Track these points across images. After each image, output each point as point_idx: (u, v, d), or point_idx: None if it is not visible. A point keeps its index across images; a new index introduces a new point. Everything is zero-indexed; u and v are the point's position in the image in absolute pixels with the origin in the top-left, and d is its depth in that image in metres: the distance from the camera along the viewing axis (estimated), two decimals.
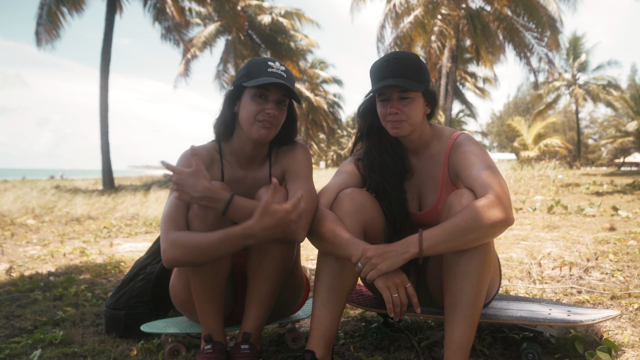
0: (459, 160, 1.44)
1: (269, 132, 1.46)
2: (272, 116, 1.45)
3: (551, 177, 10.13)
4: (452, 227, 1.23)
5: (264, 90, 1.45)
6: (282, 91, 1.46)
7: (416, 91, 1.42)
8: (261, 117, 1.45)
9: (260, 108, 1.45)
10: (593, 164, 29.38)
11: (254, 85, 1.41)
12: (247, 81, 1.44)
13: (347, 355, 1.63)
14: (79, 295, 2.49)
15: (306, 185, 1.48)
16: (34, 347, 1.73)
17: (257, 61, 1.48)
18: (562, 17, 15.35)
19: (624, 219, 4.61)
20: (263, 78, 1.42)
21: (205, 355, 1.43)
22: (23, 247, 4.32)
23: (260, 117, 1.45)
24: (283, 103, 1.49)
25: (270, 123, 1.45)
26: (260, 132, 1.45)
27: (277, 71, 1.45)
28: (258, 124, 1.45)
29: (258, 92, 1.45)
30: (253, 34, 20.31)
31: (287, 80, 1.45)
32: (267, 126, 1.45)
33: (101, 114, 13.17)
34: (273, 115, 1.45)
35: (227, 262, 1.46)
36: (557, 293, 2.31)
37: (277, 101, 1.47)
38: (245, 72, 1.47)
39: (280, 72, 1.46)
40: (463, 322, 1.26)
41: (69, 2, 13.17)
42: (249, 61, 1.50)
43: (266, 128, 1.45)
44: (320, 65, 33.02)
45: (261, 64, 1.46)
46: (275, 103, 1.46)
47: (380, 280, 1.26)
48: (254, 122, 1.45)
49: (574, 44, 30.20)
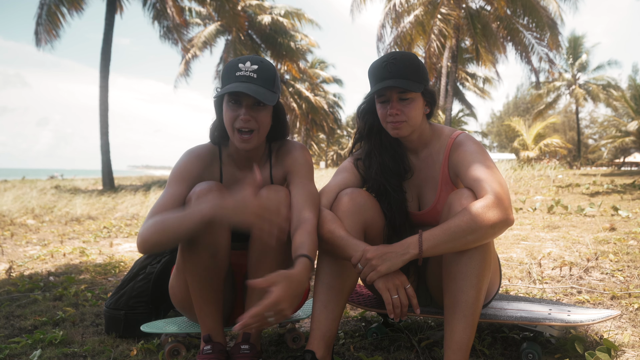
0: (458, 160, 1.44)
1: (249, 142, 1.42)
2: (245, 121, 1.40)
3: (551, 177, 10.13)
4: (452, 228, 1.23)
5: (234, 96, 1.41)
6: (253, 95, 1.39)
7: (415, 92, 1.42)
8: (237, 124, 1.41)
9: (235, 115, 1.41)
10: (593, 164, 29.40)
11: (219, 95, 1.38)
12: (220, 88, 1.42)
13: (347, 355, 1.63)
14: (78, 295, 2.49)
15: (309, 187, 1.48)
16: (33, 347, 1.73)
17: (229, 65, 1.43)
18: (562, 16, 15.37)
19: (624, 219, 4.61)
20: (230, 85, 1.38)
21: (205, 356, 1.43)
22: (23, 247, 4.32)
23: (237, 124, 1.41)
24: (260, 104, 1.42)
25: (248, 131, 1.41)
26: (241, 144, 1.42)
27: (246, 73, 1.38)
28: (237, 135, 1.42)
29: (231, 98, 1.41)
30: (253, 33, 20.31)
31: (257, 81, 1.38)
32: (245, 139, 1.41)
33: (101, 114, 13.16)
34: (246, 120, 1.39)
35: (224, 261, 1.46)
36: (557, 293, 2.31)
37: (251, 105, 1.41)
38: (221, 78, 1.45)
39: (249, 73, 1.38)
40: (463, 321, 1.26)
41: (68, 1, 13.16)
42: (224, 65, 1.47)
43: (245, 141, 1.41)
44: (320, 65, 33.02)
45: (232, 67, 1.41)
46: (248, 108, 1.41)
47: (380, 282, 1.26)
48: (234, 131, 1.42)
49: (574, 44, 30.20)
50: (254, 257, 1.46)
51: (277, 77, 1.46)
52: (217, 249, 1.41)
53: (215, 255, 1.41)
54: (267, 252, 1.44)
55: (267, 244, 1.39)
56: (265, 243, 1.40)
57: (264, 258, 1.45)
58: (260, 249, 1.45)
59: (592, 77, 30.47)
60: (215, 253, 1.41)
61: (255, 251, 1.46)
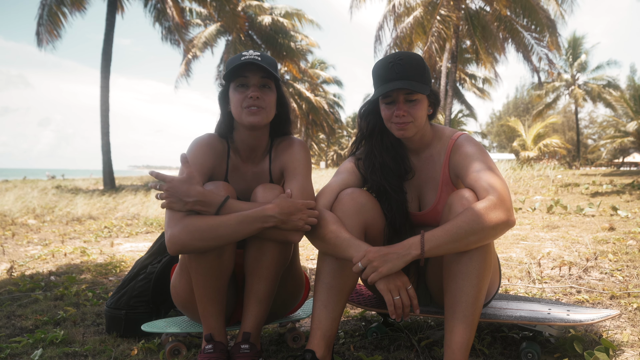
0: (459, 161, 1.44)
1: (258, 116, 1.47)
2: (255, 99, 1.45)
3: (551, 177, 10.13)
4: (454, 229, 1.24)
5: (242, 79, 1.47)
6: (260, 73, 1.47)
7: (423, 93, 1.42)
8: (246, 103, 1.46)
9: (243, 96, 1.47)
10: (592, 164, 29.39)
11: (229, 73, 1.44)
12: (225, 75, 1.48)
13: (347, 355, 1.64)
14: (79, 295, 2.49)
15: (303, 183, 1.49)
16: (34, 347, 1.74)
17: (233, 57, 1.51)
18: (561, 17, 15.36)
19: (623, 218, 4.61)
20: (237, 65, 1.44)
21: (206, 355, 1.43)
22: (24, 247, 4.33)
23: (245, 103, 1.46)
24: (267, 86, 1.50)
25: (257, 107, 1.46)
26: (249, 118, 1.47)
27: (251, 57, 1.46)
28: (245, 111, 1.47)
29: (238, 82, 1.48)
30: (253, 34, 20.31)
31: (262, 62, 1.46)
32: (253, 111, 1.46)
33: (102, 114, 13.17)
34: (255, 97, 1.45)
35: (229, 261, 1.46)
36: (556, 293, 2.31)
37: (258, 85, 1.48)
38: (225, 70, 1.50)
39: (254, 57, 1.46)
40: (463, 321, 1.27)
41: (69, 2, 13.17)
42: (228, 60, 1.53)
43: (253, 113, 1.46)
44: (320, 66, 33.03)
45: (236, 56, 1.49)
46: (256, 87, 1.48)
47: (381, 283, 1.26)
48: (242, 110, 1.47)
49: (573, 44, 30.20)
50: (252, 257, 1.47)
51: (277, 67, 1.54)
52: (224, 249, 1.42)
53: (221, 256, 1.42)
54: (264, 251, 1.45)
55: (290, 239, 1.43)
56: (263, 242, 1.43)
57: (261, 257, 1.45)
58: (257, 248, 1.45)
59: (591, 77, 30.49)
60: (222, 253, 1.42)
61: (252, 250, 1.46)
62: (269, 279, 1.47)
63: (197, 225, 1.32)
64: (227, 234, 1.33)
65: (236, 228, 1.33)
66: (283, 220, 1.35)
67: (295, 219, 1.36)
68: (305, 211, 1.38)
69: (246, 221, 1.33)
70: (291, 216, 1.35)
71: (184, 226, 1.32)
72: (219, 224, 1.33)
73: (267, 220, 1.34)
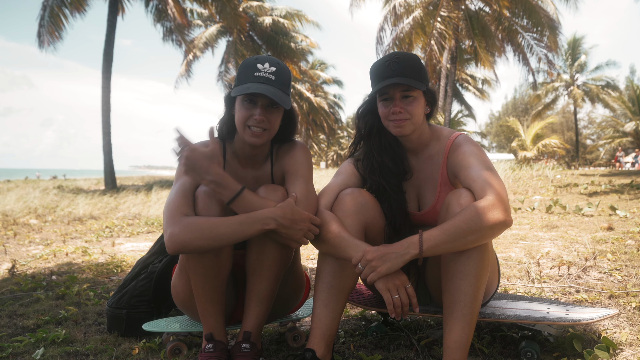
0: (457, 161, 1.45)
1: (260, 139, 1.46)
2: (259, 122, 1.43)
3: (549, 177, 10.14)
4: (452, 228, 1.24)
5: (251, 96, 1.43)
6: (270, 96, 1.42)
7: (419, 89, 1.43)
8: (250, 122, 1.44)
9: (249, 114, 1.44)
10: (591, 164, 29.33)
11: (238, 94, 1.40)
12: (236, 86, 1.44)
13: (347, 354, 1.64)
14: (81, 295, 2.50)
15: (305, 186, 1.49)
16: (36, 346, 1.75)
17: (247, 64, 1.45)
18: (560, 18, 15.39)
19: (621, 218, 4.62)
20: (248, 85, 1.40)
21: (207, 354, 1.44)
22: (26, 247, 4.34)
23: (250, 122, 1.44)
24: (274, 106, 1.45)
25: (260, 129, 1.44)
26: (251, 139, 1.45)
27: (265, 74, 1.42)
28: (248, 131, 1.45)
29: (246, 97, 1.44)
30: (254, 35, 20.33)
31: (275, 83, 1.42)
32: (256, 134, 1.44)
33: (103, 114, 13.18)
34: (261, 120, 1.43)
35: (228, 261, 1.47)
36: (555, 292, 2.32)
37: (266, 105, 1.44)
38: (236, 76, 1.47)
39: (267, 75, 1.42)
40: (462, 320, 1.28)
41: (71, 3, 13.17)
42: (241, 63, 1.48)
43: (256, 136, 1.45)
44: (320, 66, 33.04)
45: (250, 66, 1.43)
46: (263, 108, 1.44)
47: (380, 282, 1.27)
48: (245, 128, 1.45)
49: (572, 45, 30.21)
50: (253, 256, 1.47)
51: (291, 80, 1.50)
52: (221, 249, 1.43)
53: (219, 255, 1.43)
54: (265, 251, 1.45)
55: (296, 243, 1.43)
56: (265, 242, 1.43)
57: (262, 257, 1.46)
58: (259, 248, 1.46)
59: (590, 77, 30.50)
60: (220, 253, 1.43)
61: (253, 250, 1.47)
62: (270, 279, 1.47)
63: (197, 224, 1.33)
64: (228, 234, 1.33)
65: (237, 228, 1.33)
66: (284, 225, 1.35)
67: (296, 227, 1.35)
68: (308, 224, 1.37)
69: (247, 222, 1.33)
70: (293, 224, 1.35)
71: (184, 225, 1.32)
72: (219, 223, 1.33)
73: (268, 223, 1.34)
